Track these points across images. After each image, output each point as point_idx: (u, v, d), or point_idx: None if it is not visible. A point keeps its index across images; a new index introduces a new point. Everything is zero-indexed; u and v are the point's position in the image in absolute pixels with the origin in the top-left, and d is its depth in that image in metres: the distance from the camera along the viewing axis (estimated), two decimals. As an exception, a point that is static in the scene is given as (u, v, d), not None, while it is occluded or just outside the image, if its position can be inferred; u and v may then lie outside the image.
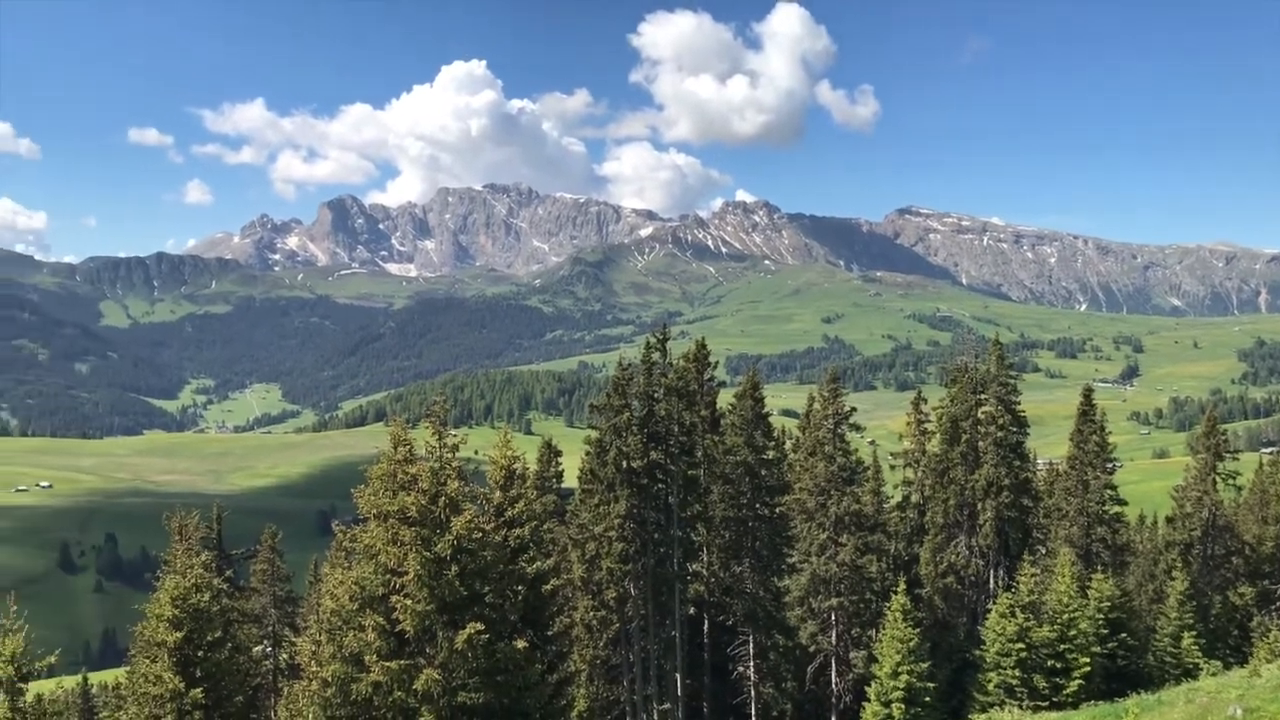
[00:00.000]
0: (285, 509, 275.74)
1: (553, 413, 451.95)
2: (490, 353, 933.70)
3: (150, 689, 26.67)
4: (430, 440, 25.88)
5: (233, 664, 28.73)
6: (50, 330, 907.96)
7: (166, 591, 27.48)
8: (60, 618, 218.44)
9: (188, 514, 41.29)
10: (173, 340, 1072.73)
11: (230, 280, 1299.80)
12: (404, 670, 22.84)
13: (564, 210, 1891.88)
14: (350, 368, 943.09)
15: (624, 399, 44.41)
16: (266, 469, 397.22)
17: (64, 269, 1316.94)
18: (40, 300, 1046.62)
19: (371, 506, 24.69)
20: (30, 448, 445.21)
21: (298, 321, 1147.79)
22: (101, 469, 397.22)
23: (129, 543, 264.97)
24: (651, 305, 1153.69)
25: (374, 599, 23.81)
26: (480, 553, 24.26)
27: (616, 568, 42.96)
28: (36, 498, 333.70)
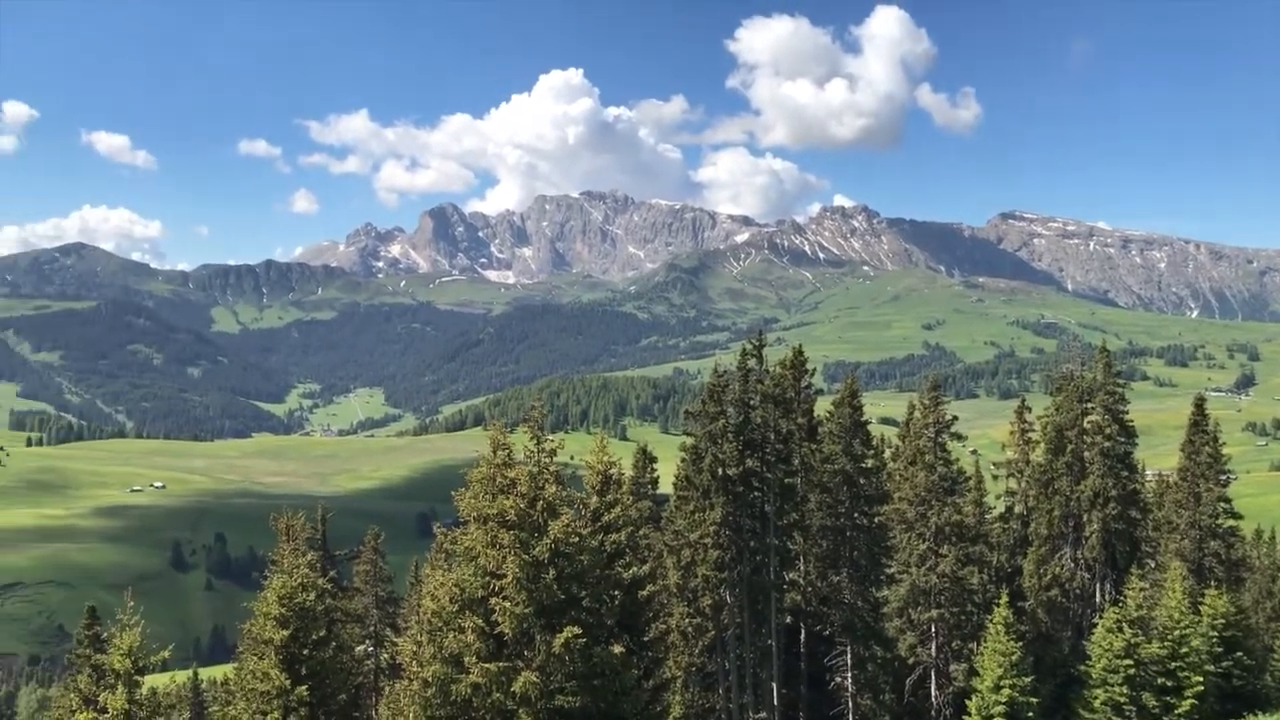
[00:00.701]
0: (387, 511, 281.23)
1: (647, 419, 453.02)
2: (586, 359, 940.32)
3: (258, 685, 27.40)
4: (528, 445, 26.16)
5: (336, 662, 29.36)
6: (164, 336, 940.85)
7: (274, 590, 28.21)
8: (172, 614, 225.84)
9: (294, 515, 42.37)
10: (280, 345, 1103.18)
11: (336, 287, 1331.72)
12: (503, 672, 23.12)
13: (659, 217, 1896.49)
14: (450, 373, 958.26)
15: (720, 406, 44.27)
16: (369, 471, 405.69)
17: (178, 276, 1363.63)
18: (155, 307, 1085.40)
19: (471, 509, 25.05)
20: (145, 449, 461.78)
21: (400, 327, 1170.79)
22: (212, 470, 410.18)
23: (237, 542, 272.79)
24: (747, 311, 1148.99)
25: (473, 601, 24.15)
26: (577, 557, 24.44)
27: (712, 575, 42.84)
28: (151, 498, 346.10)
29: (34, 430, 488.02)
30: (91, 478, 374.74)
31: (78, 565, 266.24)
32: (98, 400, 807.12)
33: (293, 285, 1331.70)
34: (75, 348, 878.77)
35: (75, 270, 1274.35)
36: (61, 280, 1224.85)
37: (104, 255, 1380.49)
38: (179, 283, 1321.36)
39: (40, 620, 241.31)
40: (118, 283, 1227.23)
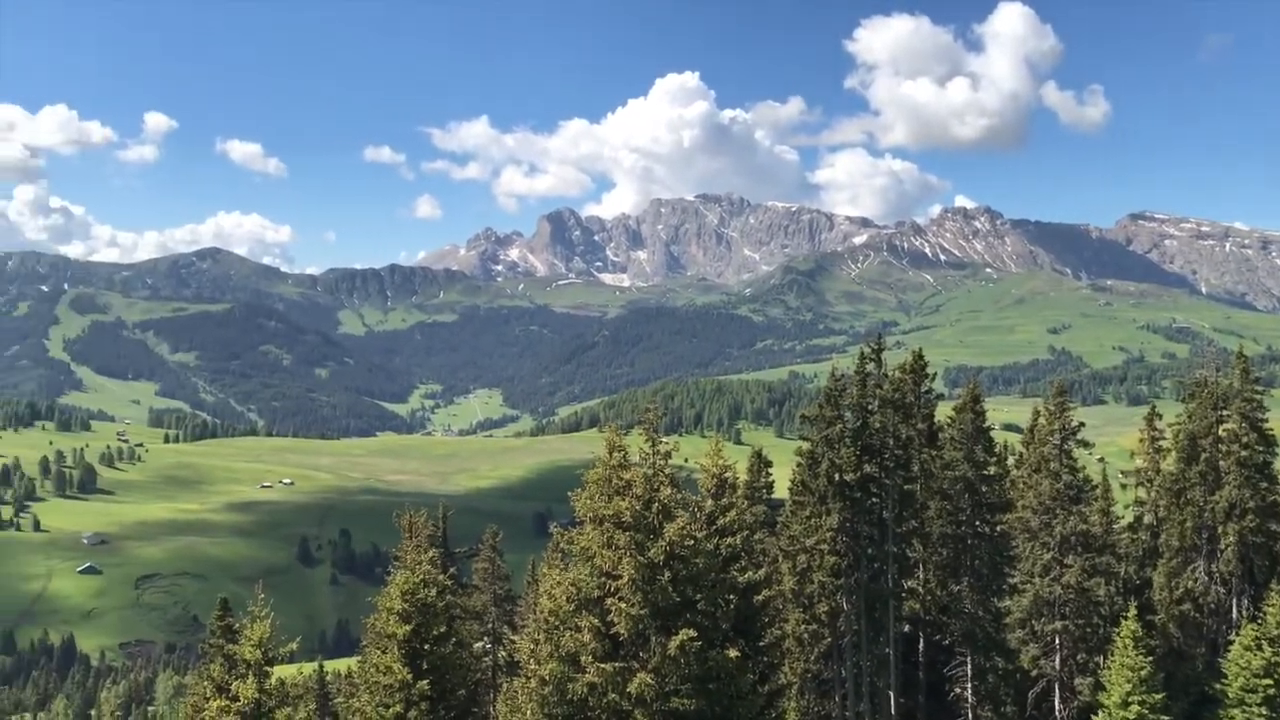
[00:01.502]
0: (504, 510, 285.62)
1: (762, 423, 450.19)
2: (700, 361, 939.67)
3: (381, 679, 28.10)
4: (643, 447, 26.27)
5: (456, 658, 29.94)
6: (294, 337, 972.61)
7: (396, 586, 28.90)
8: (299, 608, 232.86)
9: (416, 513, 43.35)
10: (403, 347, 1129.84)
11: (456, 290, 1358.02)
12: (618, 673, 23.25)
13: (775, 219, 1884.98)
14: (566, 374, 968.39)
15: (837, 410, 43.75)
16: (488, 471, 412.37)
17: (306, 280, 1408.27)
18: (285, 309, 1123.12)
19: (587, 510, 25.27)
20: (275, 447, 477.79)
21: (518, 330, 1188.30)
22: (338, 468, 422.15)
23: (361, 538, 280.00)
24: (865, 315, 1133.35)
25: (589, 601, 24.35)
26: (692, 560, 24.45)
27: (828, 581, 42.36)
28: (280, 494, 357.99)
29: (171, 428, 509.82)
30: (224, 474, 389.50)
31: (211, 558, 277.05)
32: (231, 399, 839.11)
33: (415, 289, 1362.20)
34: (210, 348, 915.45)
35: (211, 274, 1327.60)
36: (198, 284, 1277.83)
37: (237, 260, 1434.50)
38: (308, 286, 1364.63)
39: (176, 610, 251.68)
40: (250, 286, 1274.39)
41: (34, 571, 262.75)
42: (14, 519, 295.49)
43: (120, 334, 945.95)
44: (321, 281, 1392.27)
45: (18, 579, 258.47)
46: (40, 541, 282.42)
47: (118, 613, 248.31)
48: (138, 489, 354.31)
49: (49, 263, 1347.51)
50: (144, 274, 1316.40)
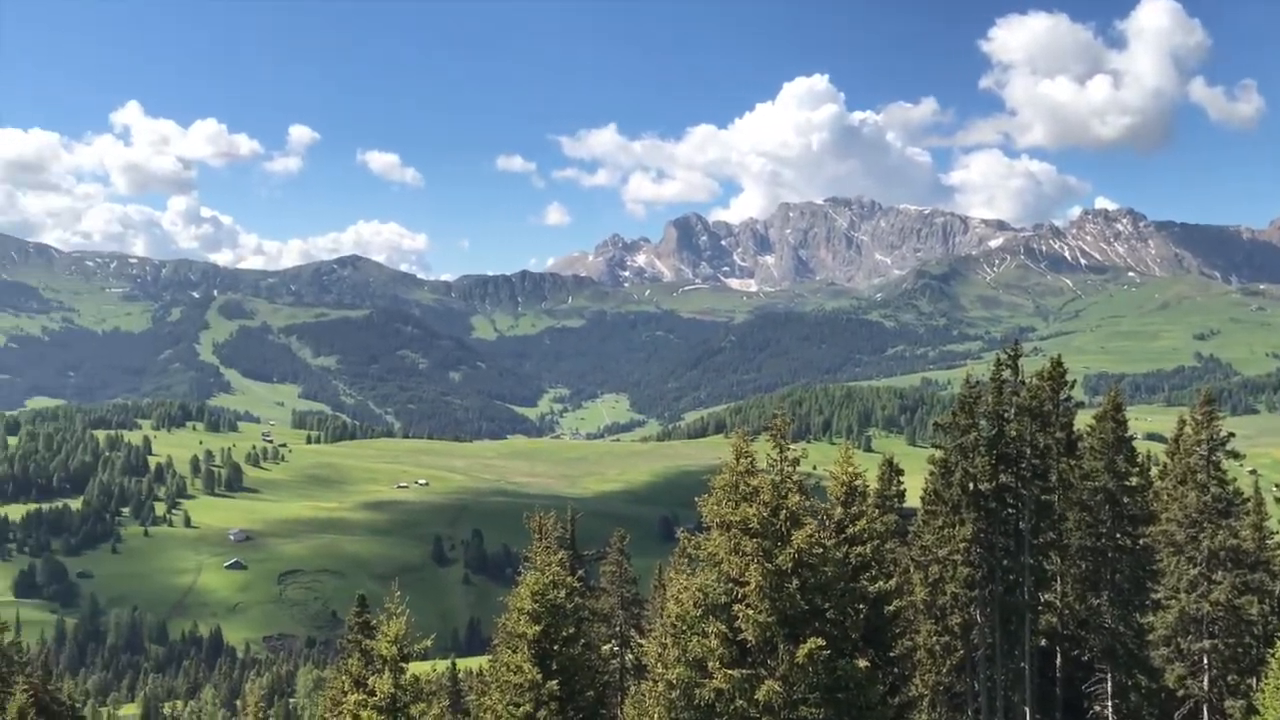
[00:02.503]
0: (630, 514, 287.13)
1: (893, 430, 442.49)
2: (829, 367, 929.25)
3: (511, 678, 28.58)
4: (771, 453, 26.14)
5: (585, 660, 30.26)
6: (429, 342, 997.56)
7: (527, 586, 29.37)
8: (432, 606, 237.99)
9: (545, 514, 43.96)
10: (533, 352, 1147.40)
11: (584, 296, 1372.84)
12: (746, 679, 23.20)
13: (907, 222, 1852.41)
14: (692, 380, 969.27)
15: (971, 418, 42.79)
16: (615, 475, 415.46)
17: (441, 286, 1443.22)
18: (421, 315, 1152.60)
19: (714, 515, 25.27)
20: (411, 448, 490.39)
21: (645, 335, 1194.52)
22: (470, 470, 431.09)
23: (493, 539, 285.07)
24: (1001, 320, 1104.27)
25: (717, 606, 24.36)
26: (821, 568, 24.24)
27: (961, 593, 41.44)
28: (415, 494, 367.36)
29: (313, 429, 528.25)
30: (362, 474, 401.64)
31: (349, 555, 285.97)
32: (369, 402, 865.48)
33: (545, 294, 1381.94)
34: (350, 353, 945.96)
35: (351, 281, 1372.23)
36: (338, 290, 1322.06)
37: (376, 267, 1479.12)
38: (442, 292, 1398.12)
39: (316, 605, 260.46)
40: (388, 292, 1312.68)
41: (185, 566, 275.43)
42: (167, 515, 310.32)
43: (266, 338, 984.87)
44: (455, 288, 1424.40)
45: (170, 573, 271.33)
46: (191, 537, 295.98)
47: (261, 607, 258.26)
48: (281, 488, 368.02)
49: (200, 270, 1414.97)
50: (288, 281, 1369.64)
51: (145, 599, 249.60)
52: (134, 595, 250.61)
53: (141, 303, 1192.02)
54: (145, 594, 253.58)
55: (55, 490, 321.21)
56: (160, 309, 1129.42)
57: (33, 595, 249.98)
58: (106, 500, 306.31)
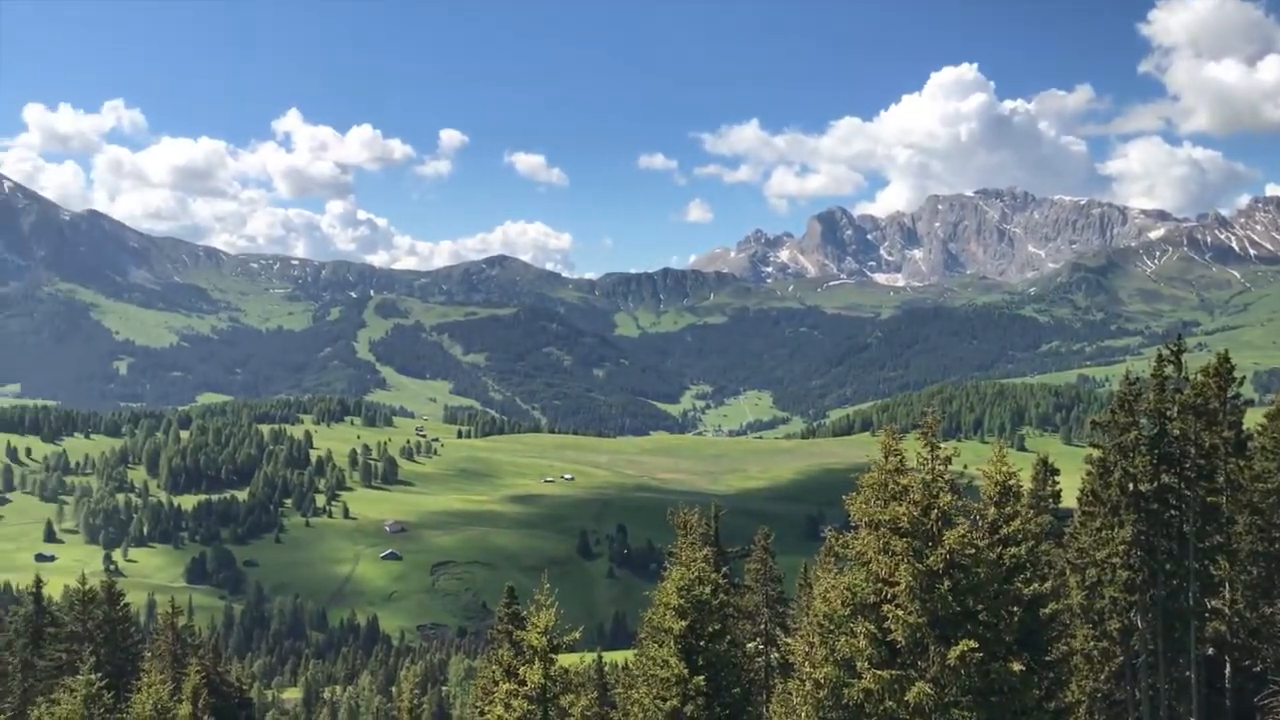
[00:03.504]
0: (774, 511, 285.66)
1: (1048, 429, 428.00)
2: (980, 364, 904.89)
3: (658, 672, 28.92)
4: (921, 452, 25.71)
5: (731, 656, 30.39)
6: (573, 339, 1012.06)
7: (673, 582, 29.66)
8: (578, 599, 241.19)
9: (689, 511, 44.22)
10: (675, 349, 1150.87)
11: (726, 293, 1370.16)
12: (895, 680, 22.92)
13: (1062, 213, 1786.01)
14: (837, 377, 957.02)
15: (1131, 416, 41.18)
16: (758, 472, 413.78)
17: (585, 284, 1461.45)
18: (566, 313, 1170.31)
19: (862, 514, 25.01)
20: (557, 444, 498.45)
21: (788, 331, 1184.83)
22: (614, 465, 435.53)
23: (637, 534, 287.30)
24: (1162, 314, 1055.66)
25: (865, 606, 24.12)
26: (973, 569, 23.75)
27: (1120, 597, 39.95)
28: (561, 488, 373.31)
29: (463, 424, 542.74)
30: (510, 468, 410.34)
31: (498, 548, 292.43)
32: (516, 398, 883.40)
33: (687, 291, 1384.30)
34: (498, 350, 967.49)
35: (498, 280, 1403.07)
36: (487, 289, 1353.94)
37: (522, 266, 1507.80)
38: (586, 290, 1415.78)
39: (467, 596, 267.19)
40: (534, 291, 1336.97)
41: (344, 556, 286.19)
42: (327, 507, 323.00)
43: (419, 336, 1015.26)
44: (599, 286, 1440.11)
45: (330, 562, 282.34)
46: (349, 528, 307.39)
47: (415, 597, 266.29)
48: (433, 481, 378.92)
49: (357, 271, 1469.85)
50: (439, 280, 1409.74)
51: (306, 587, 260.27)
52: (296, 583, 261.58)
53: (303, 303, 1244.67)
54: (306, 582, 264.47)
55: (224, 482, 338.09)
56: (320, 308, 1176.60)
57: (203, 582, 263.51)
58: (271, 492, 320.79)
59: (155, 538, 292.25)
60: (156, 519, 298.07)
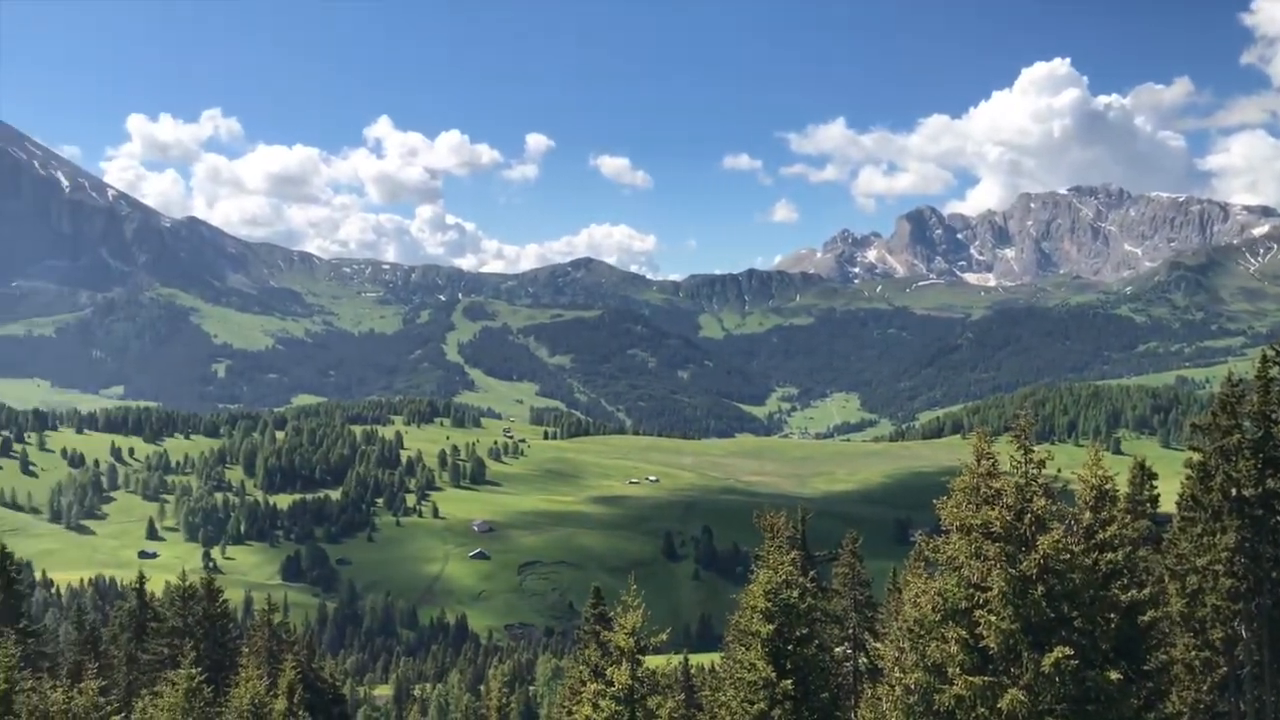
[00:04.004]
0: (861, 515, 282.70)
1: (1145, 431, 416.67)
2: (1074, 365, 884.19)
3: (745, 675, 28.86)
4: (1014, 455, 25.26)
5: (819, 661, 30.19)
6: (657, 341, 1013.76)
7: (760, 585, 29.56)
8: (664, 601, 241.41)
9: (776, 513, 43.98)
10: (760, 350, 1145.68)
11: (813, 294, 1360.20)
12: (988, 687, 22.56)
13: (1159, 210, 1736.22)
14: (927, 379, 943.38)
15: (1234, 419, 39.87)
16: (845, 475, 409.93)
17: (669, 286, 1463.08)
18: (650, 314, 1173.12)
19: (953, 518, 24.65)
20: (642, 445, 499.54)
21: (876, 333, 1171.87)
22: (699, 467, 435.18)
23: (722, 536, 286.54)
24: (1266, 314, 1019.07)
25: (956, 611, 23.77)
26: (1068, 575, 23.26)
27: (1223, 605, 38.69)
28: (646, 490, 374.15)
29: (549, 425, 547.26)
30: (596, 469, 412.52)
31: (584, 548, 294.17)
32: (601, 399, 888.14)
33: (772, 293, 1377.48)
34: (583, 352, 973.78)
35: (584, 282, 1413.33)
36: (572, 291, 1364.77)
37: (607, 268, 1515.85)
38: (670, 292, 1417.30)
39: (554, 596, 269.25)
40: (618, 293, 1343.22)
41: (433, 555, 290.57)
42: (417, 506, 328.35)
43: (506, 339, 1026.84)
44: (683, 287, 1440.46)
45: (421, 561, 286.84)
46: (438, 528, 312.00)
47: (503, 596, 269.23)
48: (520, 481, 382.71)
49: (446, 275, 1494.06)
50: (526, 283, 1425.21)
51: (397, 585, 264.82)
52: (387, 582, 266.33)
53: (393, 306, 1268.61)
54: (397, 581, 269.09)
55: (317, 481, 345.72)
56: (410, 311, 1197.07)
57: (298, 580, 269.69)
58: (363, 491, 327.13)
59: (252, 536, 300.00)
60: (253, 518, 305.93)
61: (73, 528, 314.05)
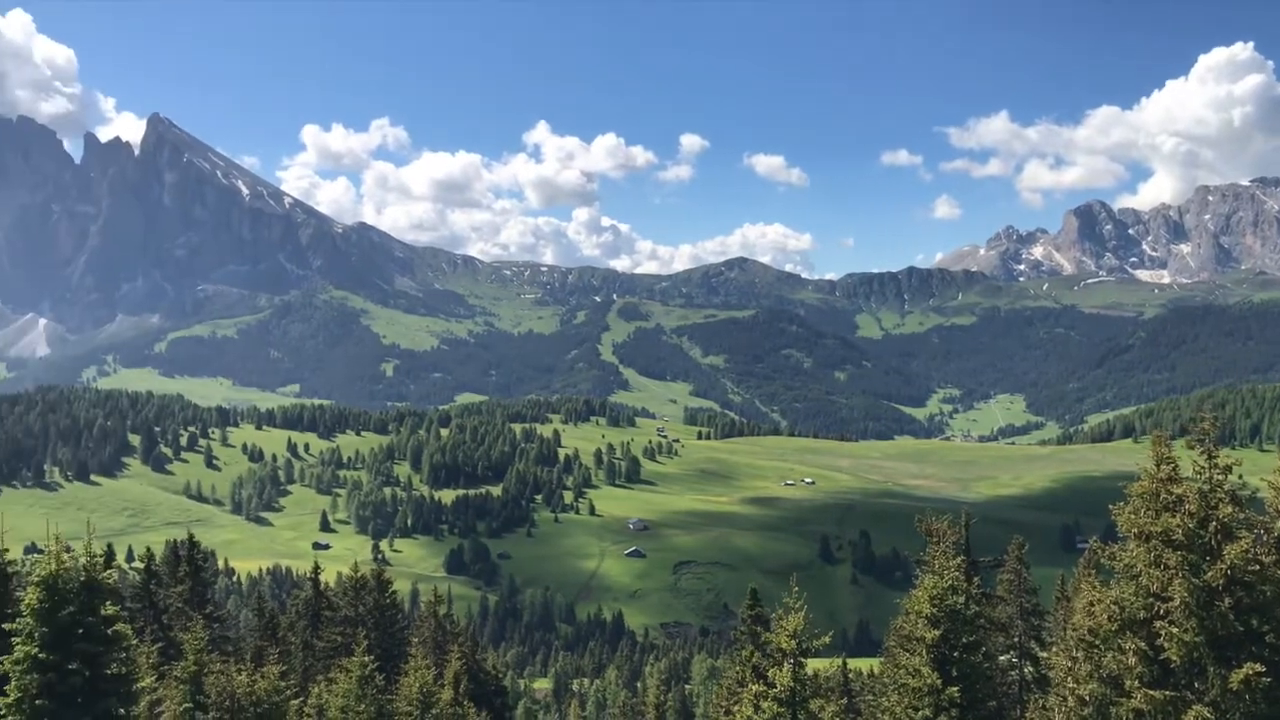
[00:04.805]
0: (1027, 521, 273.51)
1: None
2: (1257, 366, 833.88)
3: (909, 681, 28.27)
4: (1196, 459, 24.08)
5: (985, 669, 29.39)
6: (813, 341, 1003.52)
7: (925, 590, 28.92)
8: (820, 604, 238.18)
9: (938, 518, 43.00)
10: (920, 350, 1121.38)
11: (975, 292, 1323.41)
12: (1169, 702, 21.55)
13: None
14: (1096, 380, 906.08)
15: None
16: (1009, 480, 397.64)
17: (825, 285, 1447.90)
18: (805, 314, 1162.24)
19: (1131, 525, 23.66)
20: (797, 447, 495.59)
21: (1042, 332, 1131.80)
22: (856, 470, 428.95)
23: (880, 540, 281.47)
24: None
25: (1134, 622, 22.80)
26: (1259, 587, 22.01)
27: None
28: (802, 492, 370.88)
29: (703, 425, 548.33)
30: (750, 470, 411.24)
31: (738, 549, 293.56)
32: (755, 400, 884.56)
33: (933, 291, 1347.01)
34: (737, 352, 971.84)
35: (737, 282, 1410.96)
36: (725, 291, 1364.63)
37: (761, 268, 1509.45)
38: (826, 291, 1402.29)
39: (709, 596, 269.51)
40: (773, 293, 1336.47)
41: (590, 552, 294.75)
42: (574, 503, 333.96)
43: (659, 339, 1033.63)
44: (840, 286, 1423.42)
45: (578, 557, 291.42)
46: (594, 525, 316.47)
47: (658, 595, 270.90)
48: (674, 481, 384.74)
49: (601, 276, 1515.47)
50: (679, 284, 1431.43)
51: (555, 581, 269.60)
52: (545, 577, 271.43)
53: (551, 307, 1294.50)
54: (555, 576, 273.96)
55: (479, 477, 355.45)
56: (567, 313, 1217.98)
57: (460, 573, 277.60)
58: (522, 488, 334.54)
59: (418, 529, 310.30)
60: (419, 511, 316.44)
61: (252, 519, 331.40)
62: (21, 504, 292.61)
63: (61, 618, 22.06)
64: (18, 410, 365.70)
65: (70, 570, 22.60)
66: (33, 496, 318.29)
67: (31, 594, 22.28)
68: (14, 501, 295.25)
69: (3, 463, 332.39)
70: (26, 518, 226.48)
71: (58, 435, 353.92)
